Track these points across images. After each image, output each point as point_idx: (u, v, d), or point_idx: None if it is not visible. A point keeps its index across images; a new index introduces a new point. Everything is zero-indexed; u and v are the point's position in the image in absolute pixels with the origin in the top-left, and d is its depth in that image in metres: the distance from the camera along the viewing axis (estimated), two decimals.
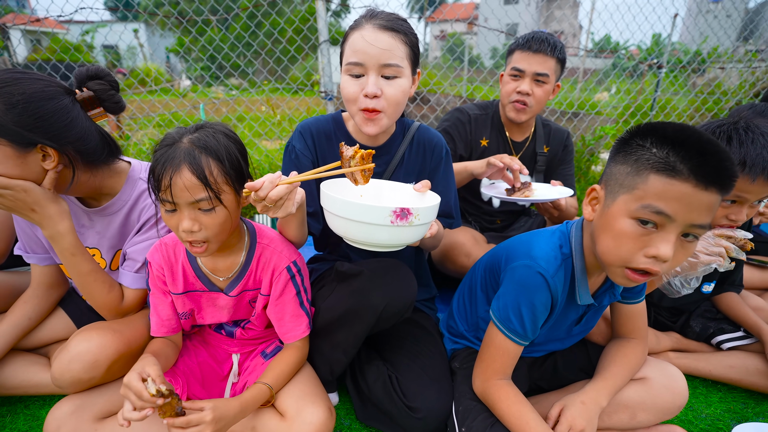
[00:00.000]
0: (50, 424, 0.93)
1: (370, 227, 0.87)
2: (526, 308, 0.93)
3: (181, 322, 1.09)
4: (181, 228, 0.87)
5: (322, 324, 1.11)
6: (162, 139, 0.90)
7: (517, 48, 1.52)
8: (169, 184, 0.83)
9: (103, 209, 1.12)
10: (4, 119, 0.87)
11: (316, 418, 0.95)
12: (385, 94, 1.04)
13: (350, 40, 1.06)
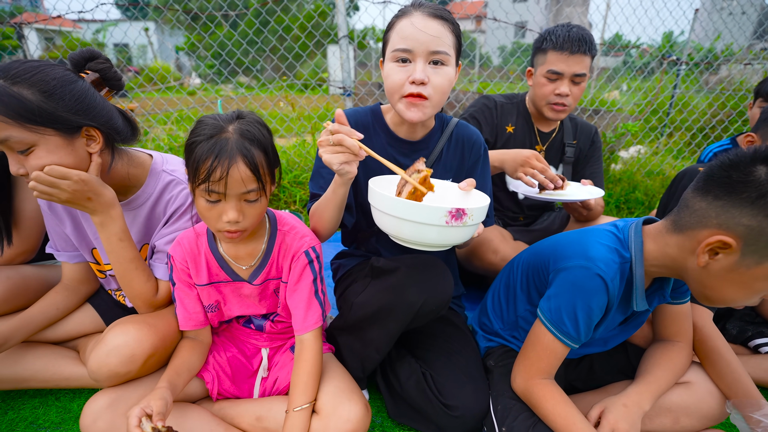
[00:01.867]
0: (87, 417, 0.92)
1: (423, 227, 0.84)
2: (582, 311, 0.90)
3: (208, 316, 1.08)
4: (226, 218, 0.86)
5: (354, 320, 1.09)
6: (197, 128, 0.87)
7: (552, 48, 1.46)
8: (225, 176, 0.82)
9: (129, 203, 1.11)
10: (47, 106, 0.86)
11: (353, 414, 0.94)
12: (432, 82, 1.02)
13: (398, 27, 1.03)
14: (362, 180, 1.18)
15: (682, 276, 0.89)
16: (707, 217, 0.78)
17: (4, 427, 1.10)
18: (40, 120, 0.86)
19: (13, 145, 0.86)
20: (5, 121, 0.83)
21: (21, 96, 0.84)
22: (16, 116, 0.84)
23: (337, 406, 0.95)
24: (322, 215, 1.04)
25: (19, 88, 0.84)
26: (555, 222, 1.82)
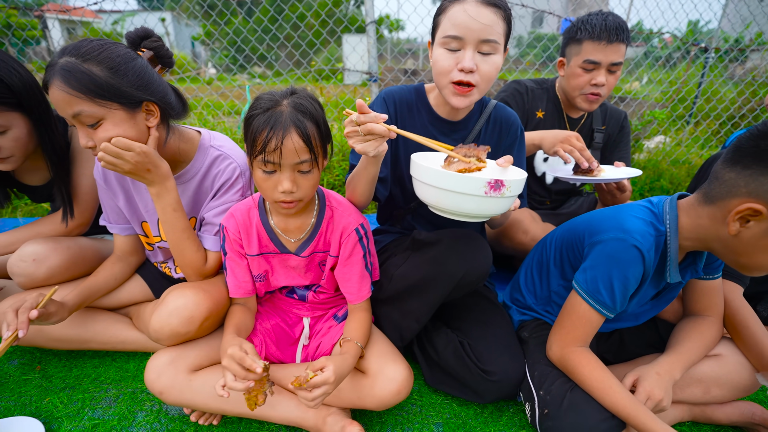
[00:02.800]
0: (151, 372, 0.99)
1: (463, 197, 0.88)
2: (618, 281, 0.93)
3: (255, 285, 1.14)
4: (281, 188, 0.91)
5: (394, 292, 1.14)
6: (255, 103, 0.92)
7: (588, 38, 1.44)
8: (279, 146, 0.86)
9: (178, 177, 1.17)
10: (114, 82, 0.92)
11: (399, 374, 0.99)
12: (480, 70, 1.03)
13: (450, 12, 1.03)
14: (402, 156, 1.22)
15: (714, 248, 0.91)
16: (737, 187, 0.80)
17: (71, 381, 1.19)
18: (107, 95, 0.92)
19: (84, 119, 0.93)
20: (78, 96, 0.90)
21: (91, 72, 0.90)
22: (88, 91, 0.90)
23: (383, 367, 1.01)
24: (356, 187, 1.08)
25: (89, 65, 0.91)
26: (582, 206, 1.84)
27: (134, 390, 1.17)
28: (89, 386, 1.18)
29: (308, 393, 0.83)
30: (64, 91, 0.88)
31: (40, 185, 1.35)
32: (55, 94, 0.89)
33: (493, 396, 1.09)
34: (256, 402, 0.86)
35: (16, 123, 1.07)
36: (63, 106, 0.90)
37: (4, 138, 1.07)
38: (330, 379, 0.84)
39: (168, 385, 0.98)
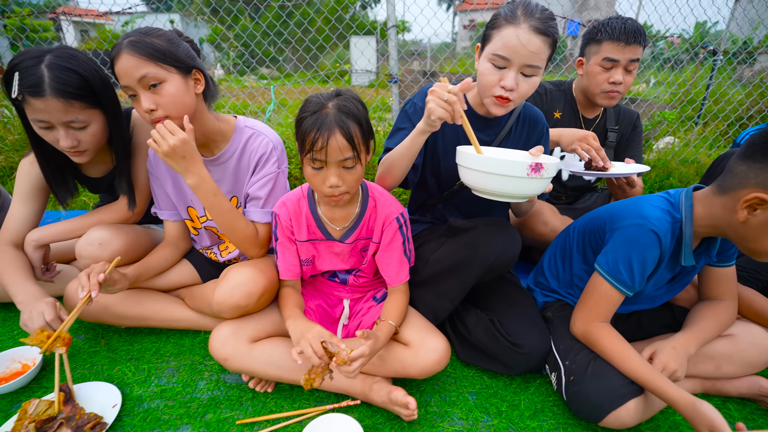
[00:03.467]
0: (216, 341, 1.11)
1: (508, 179, 1.00)
2: (637, 262, 1.04)
3: (302, 269, 1.26)
4: (328, 183, 1.01)
5: (429, 275, 1.25)
6: (304, 106, 1.02)
7: (608, 39, 1.55)
8: (325, 146, 0.96)
9: (217, 159, 1.29)
10: (172, 49, 1.08)
11: (439, 345, 1.10)
12: (519, 89, 1.12)
13: (503, 32, 1.09)
14: (440, 149, 1.33)
15: (726, 233, 1.01)
16: (747, 178, 0.91)
17: (135, 353, 1.31)
18: (167, 60, 1.07)
19: (149, 80, 1.06)
20: (144, 59, 1.04)
21: (154, 42, 1.06)
22: (151, 56, 1.05)
23: (425, 339, 1.12)
24: (393, 164, 1.17)
25: (151, 38, 1.06)
26: (597, 201, 1.94)
27: (193, 362, 1.28)
28: (151, 358, 1.30)
29: (348, 366, 0.94)
30: (132, 56, 1.03)
31: (99, 177, 1.47)
32: (123, 62, 1.03)
33: (522, 368, 1.19)
34: (312, 383, 0.97)
35: (94, 119, 1.19)
36: (131, 71, 1.04)
37: (84, 133, 1.18)
38: (365, 352, 0.95)
39: (232, 353, 1.10)
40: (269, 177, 1.26)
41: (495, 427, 1.07)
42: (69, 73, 1.10)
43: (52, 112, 1.10)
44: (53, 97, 1.08)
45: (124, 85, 1.06)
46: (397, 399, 1.04)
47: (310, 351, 0.94)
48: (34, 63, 1.08)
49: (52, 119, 1.11)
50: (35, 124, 1.14)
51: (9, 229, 1.32)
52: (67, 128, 1.14)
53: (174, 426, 1.05)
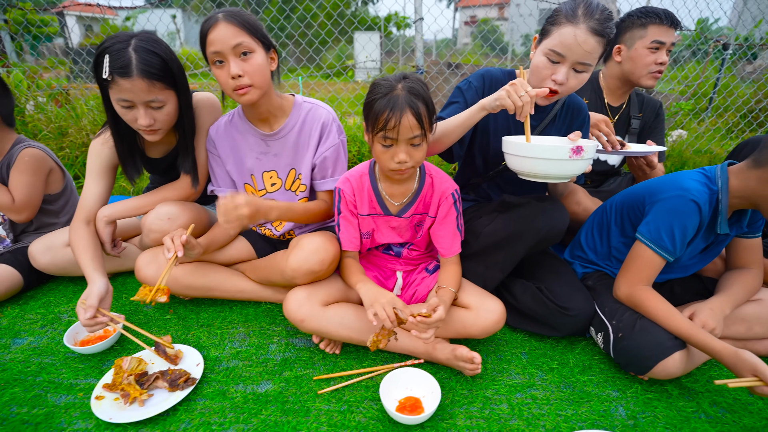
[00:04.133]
0: (292, 303, 1.20)
1: (552, 162, 1.10)
2: (678, 229, 1.14)
3: (362, 241, 1.35)
4: (397, 159, 1.09)
5: (480, 247, 1.35)
6: (374, 89, 1.11)
7: (655, 23, 1.65)
8: (397, 125, 1.04)
9: (277, 133, 1.38)
10: (260, 27, 1.20)
11: (497, 306, 1.20)
12: (568, 83, 1.19)
13: (562, 30, 1.16)
14: (491, 130, 1.42)
15: (759, 205, 1.12)
16: None
17: (204, 321, 1.41)
18: (257, 34, 1.19)
19: (242, 48, 1.17)
20: (241, 30, 1.16)
21: (248, 16, 1.19)
22: (246, 28, 1.17)
23: (483, 302, 1.22)
24: (445, 132, 1.23)
25: (240, 12, 1.18)
26: (621, 184, 2.05)
27: (260, 328, 1.37)
28: (220, 325, 1.39)
29: (423, 332, 1.04)
30: (230, 25, 1.14)
31: (158, 158, 1.55)
32: (221, 29, 1.14)
33: (569, 329, 1.29)
34: (378, 344, 1.07)
35: (170, 100, 1.27)
36: (227, 38, 1.14)
37: (160, 112, 1.27)
38: (443, 316, 1.05)
39: (308, 314, 1.19)
40: (334, 147, 1.37)
41: (549, 381, 1.17)
42: (153, 55, 1.19)
43: (136, 92, 1.18)
44: (139, 78, 1.17)
45: (215, 51, 1.16)
46: (463, 355, 1.14)
47: (384, 315, 1.03)
48: (123, 46, 1.16)
49: (135, 98, 1.20)
50: (118, 104, 1.22)
51: (83, 207, 1.40)
52: (146, 107, 1.23)
53: (256, 381, 1.15)
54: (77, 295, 1.55)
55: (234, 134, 1.42)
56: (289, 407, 1.06)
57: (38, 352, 1.26)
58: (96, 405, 1.04)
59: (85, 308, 1.15)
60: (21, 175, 1.50)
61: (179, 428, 1.00)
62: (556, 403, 1.09)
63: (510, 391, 1.13)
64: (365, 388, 1.13)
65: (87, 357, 1.24)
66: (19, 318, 1.41)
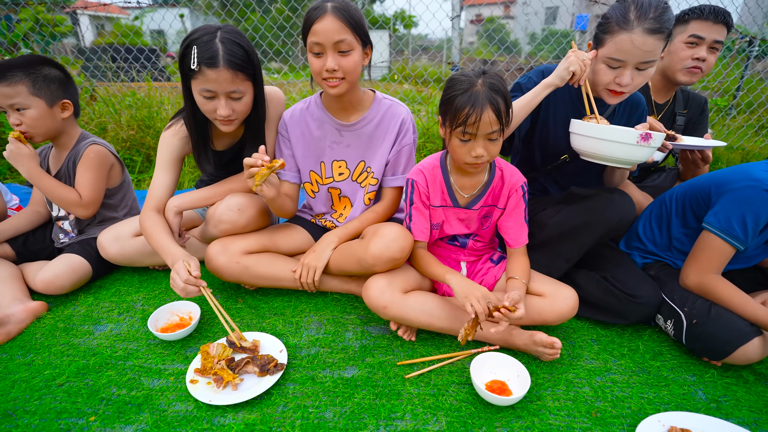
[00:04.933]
0: (375, 290, 1.23)
1: (620, 145, 1.14)
2: (751, 218, 1.17)
3: (432, 232, 1.38)
4: (475, 153, 1.12)
5: (545, 238, 1.38)
6: (453, 85, 1.13)
7: (696, 18, 1.66)
8: (477, 120, 1.07)
9: (354, 125, 1.42)
10: (363, 24, 1.22)
11: (572, 293, 1.24)
12: (634, 82, 1.23)
13: (617, 38, 1.17)
14: (551, 123, 1.45)
15: None
16: None
17: (277, 310, 1.44)
18: (359, 32, 1.22)
19: (343, 45, 1.21)
20: (346, 26, 1.19)
21: (355, 11, 1.20)
22: (351, 25, 1.20)
23: (558, 290, 1.25)
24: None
25: (350, 8, 1.21)
26: (666, 180, 2.07)
27: (333, 316, 1.41)
28: (293, 313, 1.42)
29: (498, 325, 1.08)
30: (337, 20, 1.17)
31: (222, 150, 1.57)
32: (328, 22, 1.17)
33: (637, 317, 1.32)
34: (468, 337, 1.11)
35: (248, 91, 1.31)
36: (332, 33, 1.18)
37: (239, 103, 1.30)
38: (524, 315, 1.09)
39: (389, 301, 1.22)
40: (409, 146, 1.41)
41: (624, 366, 1.21)
42: (237, 47, 1.22)
43: (221, 82, 1.22)
44: (225, 68, 1.20)
45: (316, 42, 1.20)
46: (542, 340, 1.17)
47: (480, 308, 1.07)
48: (210, 38, 1.19)
49: (219, 89, 1.23)
50: (201, 94, 1.25)
51: (153, 196, 1.43)
52: (227, 98, 1.26)
53: (341, 367, 1.18)
54: (143, 285, 1.59)
55: (308, 121, 1.46)
56: (379, 391, 1.09)
57: (121, 338, 1.29)
58: (192, 388, 1.07)
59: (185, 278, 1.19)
60: (87, 172, 1.53)
61: (276, 411, 1.03)
62: (636, 386, 1.13)
63: (589, 375, 1.16)
64: (449, 372, 1.17)
65: (169, 343, 1.27)
66: (95, 306, 1.45)
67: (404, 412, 1.03)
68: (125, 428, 0.98)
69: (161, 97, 3.06)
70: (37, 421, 0.99)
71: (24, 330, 1.32)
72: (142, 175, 2.71)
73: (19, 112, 1.40)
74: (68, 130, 1.56)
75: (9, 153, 1.42)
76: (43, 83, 1.41)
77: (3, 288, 1.39)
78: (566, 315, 1.23)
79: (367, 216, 1.50)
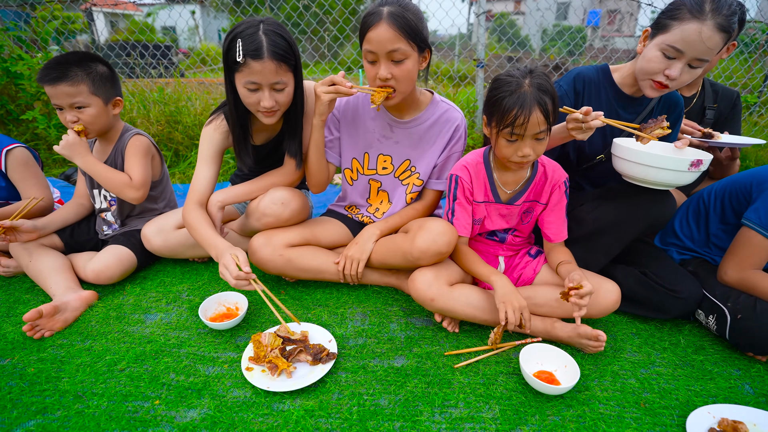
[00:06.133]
0: (422, 284, 1.26)
1: (669, 172, 1.16)
2: None
3: (473, 227, 1.40)
4: (521, 153, 1.14)
5: (584, 233, 1.40)
6: (499, 86, 1.14)
7: None
8: (526, 122, 1.08)
9: (407, 123, 1.44)
10: (420, 30, 1.20)
11: (614, 287, 1.26)
12: (680, 79, 1.19)
13: (685, 26, 1.13)
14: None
15: None
16: None
17: (321, 302, 1.47)
18: (415, 39, 1.20)
19: (397, 54, 1.20)
20: (400, 35, 1.17)
21: (410, 19, 1.17)
22: (405, 34, 1.18)
23: (601, 284, 1.27)
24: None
25: (408, 14, 1.18)
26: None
27: (377, 308, 1.44)
28: (336, 305, 1.45)
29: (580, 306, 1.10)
30: (391, 28, 1.16)
31: (259, 145, 1.60)
32: (382, 31, 1.17)
33: (678, 312, 1.34)
34: (497, 342, 1.17)
35: (290, 82, 1.33)
36: (385, 42, 1.17)
37: (281, 94, 1.32)
38: (593, 289, 1.11)
39: (437, 294, 1.25)
40: (458, 154, 1.45)
41: (667, 359, 1.23)
42: (280, 38, 1.24)
43: (265, 74, 1.24)
44: (269, 59, 1.22)
45: (370, 50, 1.20)
46: (587, 333, 1.20)
47: (512, 319, 1.11)
48: (254, 30, 1.22)
49: (263, 81, 1.25)
50: (245, 87, 1.27)
51: (196, 190, 1.45)
52: (271, 90, 1.28)
53: (389, 357, 1.21)
54: (186, 277, 1.63)
55: (364, 110, 1.48)
56: (430, 380, 1.12)
57: (172, 327, 1.33)
58: (249, 375, 1.11)
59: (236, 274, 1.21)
60: (135, 157, 1.56)
61: (332, 398, 1.06)
62: (682, 378, 1.15)
63: (634, 368, 1.19)
64: (495, 363, 1.19)
65: (220, 333, 1.31)
66: (143, 296, 1.49)
67: (457, 400, 1.06)
68: (189, 412, 1.02)
69: (189, 93, 3.10)
70: (105, 403, 1.03)
71: (79, 317, 1.36)
72: (172, 170, 2.76)
73: (78, 110, 1.44)
74: (115, 124, 1.60)
75: (65, 144, 1.46)
76: (100, 81, 1.45)
77: (57, 278, 1.44)
78: (609, 309, 1.25)
79: (408, 212, 1.53)
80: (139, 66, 3.91)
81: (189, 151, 2.77)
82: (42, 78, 1.39)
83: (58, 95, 1.41)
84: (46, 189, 1.73)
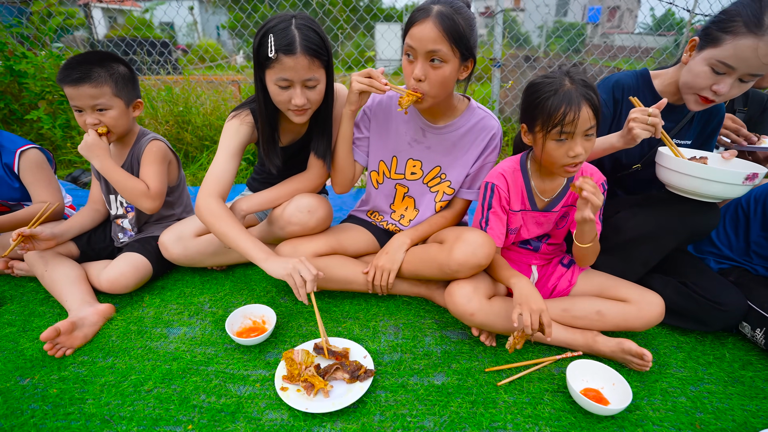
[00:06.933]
0: (461, 297, 1.21)
1: (721, 185, 1.11)
2: None
3: (509, 237, 1.35)
4: (573, 153, 1.09)
5: (622, 241, 1.35)
6: (538, 89, 1.10)
7: None
8: (576, 119, 1.04)
9: (441, 128, 1.39)
10: (467, 36, 1.14)
11: (658, 299, 1.22)
12: (729, 93, 1.13)
13: (740, 42, 1.05)
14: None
15: None
16: None
17: (350, 314, 1.42)
18: (460, 45, 1.13)
19: (435, 56, 1.13)
20: (444, 37, 1.10)
21: (458, 23, 1.11)
22: (451, 37, 1.11)
23: (643, 295, 1.23)
24: None
25: (457, 17, 1.11)
26: None
27: (409, 320, 1.39)
28: (366, 317, 1.40)
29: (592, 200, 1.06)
30: (438, 29, 1.10)
31: (284, 146, 1.53)
32: (426, 29, 1.10)
33: (721, 324, 1.30)
34: (516, 346, 1.12)
35: (322, 79, 1.27)
36: (426, 41, 1.11)
37: (313, 92, 1.26)
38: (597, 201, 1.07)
39: (477, 308, 1.20)
40: (491, 164, 1.39)
41: (714, 375, 1.18)
42: (312, 33, 1.19)
43: (298, 70, 1.18)
44: (302, 55, 1.17)
45: (410, 46, 1.14)
46: (632, 349, 1.15)
47: (528, 321, 1.05)
48: (286, 25, 1.16)
49: (295, 77, 1.20)
50: (276, 84, 1.22)
51: (216, 181, 1.32)
52: (303, 87, 1.23)
53: (428, 374, 1.16)
54: (206, 287, 1.57)
55: (395, 112, 1.42)
56: (474, 399, 1.07)
57: (197, 342, 1.27)
58: (284, 395, 1.06)
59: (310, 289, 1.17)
60: (152, 165, 1.50)
61: (374, 420, 1.01)
62: (735, 397, 1.11)
63: (682, 384, 1.14)
64: (538, 379, 1.15)
65: (248, 348, 1.26)
66: (163, 308, 1.43)
67: (505, 422, 1.01)
68: None
69: (198, 92, 3.02)
70: (135, 428, 0.97)
71: (98, 332, 1.30)
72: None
73: (100, 112, 1.38)
74: (132, 127, 1.54)
75: (85, 144, 1.39)
76: (122, 83, 1.39)
77: (73, 290, 1.38)
78: (653, 322, 1.20)
79: (437, 221, 1.48)
80: (146, 64, 3.82)
81: (199, 153, 2.70)
82: (63, 78, 1.32)
83: (80, 97, 1.34)
84: (57, 192, 1.67)
